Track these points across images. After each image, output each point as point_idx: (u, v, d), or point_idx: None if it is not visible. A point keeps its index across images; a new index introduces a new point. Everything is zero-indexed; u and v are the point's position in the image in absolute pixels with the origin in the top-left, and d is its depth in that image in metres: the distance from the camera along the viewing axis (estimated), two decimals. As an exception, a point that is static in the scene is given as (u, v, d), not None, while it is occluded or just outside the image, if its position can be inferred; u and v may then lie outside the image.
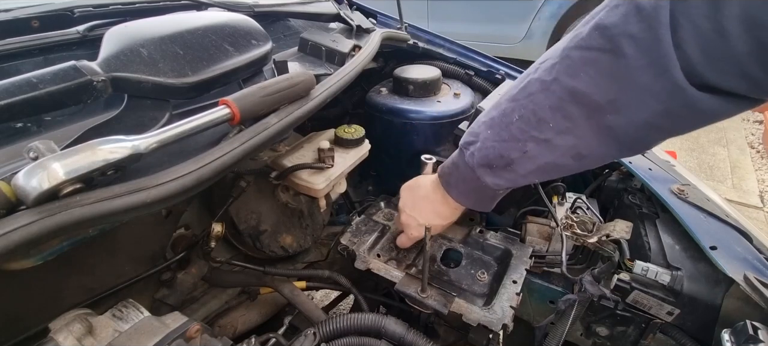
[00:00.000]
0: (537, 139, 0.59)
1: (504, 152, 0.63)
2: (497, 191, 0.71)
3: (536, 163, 0.62)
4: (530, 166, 0.62)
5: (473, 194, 0.73)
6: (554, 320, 0.81)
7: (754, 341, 0.56)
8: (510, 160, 0.63)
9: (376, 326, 0.73)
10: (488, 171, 0.67)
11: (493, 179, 0.67)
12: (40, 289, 0.61)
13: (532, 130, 0.59)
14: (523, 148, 0.61)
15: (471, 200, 0.75)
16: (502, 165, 0.65)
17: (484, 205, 0.75)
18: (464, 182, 0.72)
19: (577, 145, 0.57)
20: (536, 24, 3.88)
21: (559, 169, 0.62)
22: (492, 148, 0.65)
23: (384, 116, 1.12)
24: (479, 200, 0.74)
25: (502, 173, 0.66)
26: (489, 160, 0.66)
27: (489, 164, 0.66)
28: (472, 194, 0.73)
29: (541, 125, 0.58)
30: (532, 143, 0.60)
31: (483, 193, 0.71)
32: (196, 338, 0.56)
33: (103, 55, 0.60)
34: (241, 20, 0.80)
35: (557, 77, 0.55)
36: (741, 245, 0.73)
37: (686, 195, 0.82)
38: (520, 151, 0.62)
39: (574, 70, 0.53)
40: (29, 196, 0.41)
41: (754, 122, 3.61)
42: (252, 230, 0.96)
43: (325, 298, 1.75)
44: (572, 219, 0.82)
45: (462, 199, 0.75)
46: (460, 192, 0.75)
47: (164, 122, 0.61)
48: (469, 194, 0.74)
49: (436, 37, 1.36)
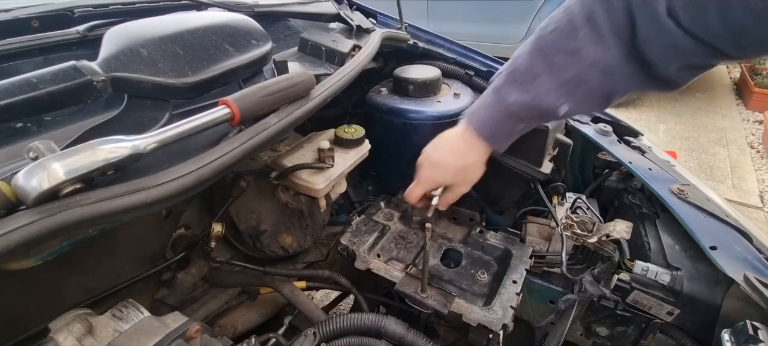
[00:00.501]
0: (566, 50, 0.60)
1: (532, 64, 0.64)
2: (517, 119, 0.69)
3: (562, 77, 0.62)
4: (555, 79, 0.62)
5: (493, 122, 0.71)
6: (554, 320, 0.81)
7: (754, 341, 0.56)
8: (536, 73, 0.64)
9: (376, 326, 0.73)
10: (512, 87, 0.66)
11: (516, 95, 0.66)
12: (40, 289, 0.61)
13: (562, 41, 0.61)
14: (550, 60, 0.62)
15: (489, 128, 0.72)
16: (528, 79, 0.65)
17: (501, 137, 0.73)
18: (485, 108, 0.71)
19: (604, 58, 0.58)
20: (536, 24, 3.86)
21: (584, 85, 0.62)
22: (520, 60, 0.66)
23: (384, 116, 1.12)
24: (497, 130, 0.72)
25: (526, 87, 0.65)
26: (515, 73, 0.66)
27: (515, 79, 0.66)
28: (492, 121, 0.71)
29: (573, 34, 0.60)
30: (561, 55, 0.61)
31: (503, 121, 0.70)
32: (196, 338, 0.56)
33: (103, 55, 0.60)
34: (241, 20, 0.80)
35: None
36: (741, 245, 0.73)
37: (686, 195, 0.82)
38: (547, 64, 0.62)
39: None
40: (29, 196, 0.41)
41: (754, 122, 3.61)
42: (252, 230, 0.96)
43: (325, 298, 1.75)
44: (572, 219, 0.82)
45: (480, 127, 0.72)
46: (478, 120, 0.73)
47: (164, 122, 0.61)
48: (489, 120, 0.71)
49: (436, 37, 1.36)
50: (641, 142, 1.01)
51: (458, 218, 1.05)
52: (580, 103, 0.65)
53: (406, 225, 1.03)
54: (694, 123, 3.59)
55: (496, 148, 0.74)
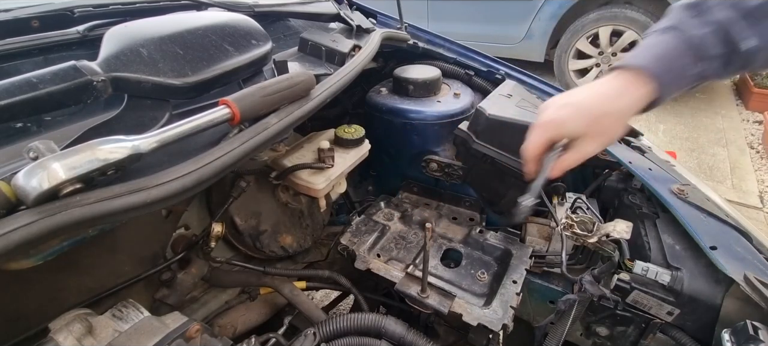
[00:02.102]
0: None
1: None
2: (695, 57, 0.56)
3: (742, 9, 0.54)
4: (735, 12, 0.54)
5: (661, 48, 0.58)
6: (554, 320, 0.81)
7: (754, 341, 0.56)
8: (710, 5, 0.55)
9: (376, 326, 0.73)
10: (693, 21, 0.56)
11: (697, 29, 0.56)
12: (40, 289, 0.61)
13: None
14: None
15: (653, 56, 0.58)
16: (706, 9, 0.56)
17: (675, 77, 0.58)
18: (654, 45, 0.58)
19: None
20: (536, 24, 3.88)
21: None
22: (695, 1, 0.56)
23: (384, 116, 1.12)
24: (664, 61, 0.57)
25: (707, 18, 0.56)
26: (693, 8, 0.57)
27: (693, 13, 0.56)
28: (659, 49, 0.58)
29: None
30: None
31: (675, 50, 0.57)
32: (196, 338, 0.56)
33: (103, 55, 0.60)
34: (241, 20, 0.80)
35: None
36: (741, 245, 0.73)
37: (686, 195, 0.82)
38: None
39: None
40: (29, 196, 0.41)
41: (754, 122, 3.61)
42: (252, 230, 0.96)
43: (325, 298, 1.75)
44: (572, 219, 0.82)
45: (643, 54, 0.58)
46: (644, 47, 0.59)
47: (164, 122, 0.61)
48: (656, 47, 0.58)
49: (436, 37, 1.36)
50: (641, 142, 1.01)
51: (458, 218, 1.05)
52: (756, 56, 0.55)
53: (406, 225, 1.03)
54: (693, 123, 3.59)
55: (666, 91, 0.58)
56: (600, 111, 0.60)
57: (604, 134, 0.61)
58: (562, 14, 3.71)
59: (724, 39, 0.55)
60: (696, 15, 0.57)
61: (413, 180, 1.18)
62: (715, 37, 0.56)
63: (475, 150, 0.98)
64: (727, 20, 0.55)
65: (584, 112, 0.60)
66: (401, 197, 1.15)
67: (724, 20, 0.55)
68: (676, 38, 0.57)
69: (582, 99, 0.61)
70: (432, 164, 1.11)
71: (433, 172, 1.12)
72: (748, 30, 0.54)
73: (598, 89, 0.60)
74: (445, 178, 1.11)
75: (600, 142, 0.62)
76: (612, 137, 0.62)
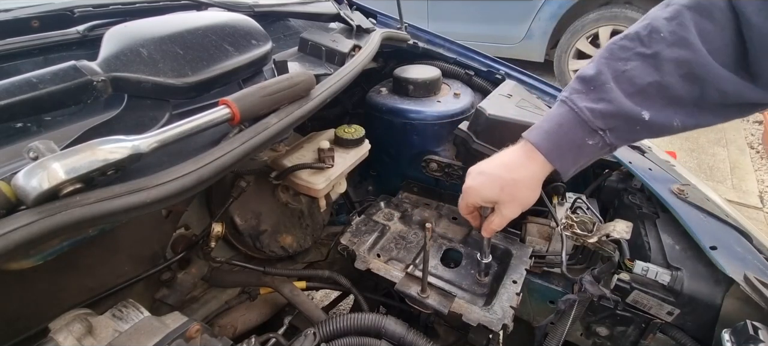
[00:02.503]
0: (643, 54, 0.55)
1: (602, 69, 0.57)
2: (588, 132, 0.58)
3: (637, 84, 0.55)
4: (630, 87, 0.56)
5: (557, 132, 0.60)
6: (554, 320, 0.81)
7: (754, 341, 0.56)
8: (606, 79, 0.57)
9: (376, 326, 0.73)
10: (583, 95, 0.58)
11: (588, 103, 0.57)
12: (40, 289, 0.61)
13: (637, 46, 0.56)
14: (624, 66, 0.56)
15: (551, 141, 0.60)
16: (599, 84, 0.57)
17: (563, 155, 0.60)
18: (550, 120, 0.61)
19: (692, 61, 0.52)
20: (536, 24, 3.88)
21: (665, 92, 0.55)
22: (590, 72, 0.59)
23: (384, 116, 1.12)
24: (561, 145, 0.60)
25: (600, 95, 0.57)
26: (586, 82, 0.59)
27: (587, 88, 0.58)
28: (555, 133, 0.60)
29: (652, 37, 0.55)
30: (636, 60, 0.55)
31: (570, 131, 0.59)
32: (196, 338, 0.56)
33: (103, 55, 0.60)
34: (241, 20, 0.80)
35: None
36: (741, 245, 0.73)
37: (686, 195, 0.82)
38: (619, 71, 0.56)
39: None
40: (29, 196, 0.41)
41: (754, 123, 3.61)
42: (252, 230, 0.96)
43: (325, 298, 1.75)
44: (572, 219, 0.82)
45: (541, 138, 0.61)
46: (541, 131, 0.62)
47: (164, 122, 0.61)
48: (553, 131, 0.60)
49: (436, 37, 1.36)
50: (641, 143, 1.01)
51: (458, 218, 1.05)
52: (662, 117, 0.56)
53: (406, 225, 1.03)
54: (693, 123, 3.58)
55: (558, 166, 0.61)
56: (505, 181, 0.65)
57: (515, 200, 0.66)
58: (562, 14, 3.71)
59: (616, 112, 0.57)
60: (589, 90, 0.58)
61: (413, 180, 1.18)
62: (608, 106, 0.57)
63: (475, 150, 0.98)
64: (618, 97, 0.56)
65: (494, 181, 0.66)
66: (401, 197, 1.15)
67: (616, 97, 0.56)
68: (569, 113, 0.59)
69: (492, 169, 0.67)
70: (432, 164, 1.11)
71: (433, 172, 1.12)
72: (643, 104, 0.56)
73: (505, 159, 0.66)
74: (445, 178, 1.11)
75: (515, 207, 0.67)
76: (525, 202, 0.67)
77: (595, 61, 0.60)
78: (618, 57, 0.57)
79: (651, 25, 0.56)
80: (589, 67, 0.60)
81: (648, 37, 0.55)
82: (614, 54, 0.58)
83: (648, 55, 0.55)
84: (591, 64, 0.61)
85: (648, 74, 0.55)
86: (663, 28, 0.54)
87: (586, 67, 0.61)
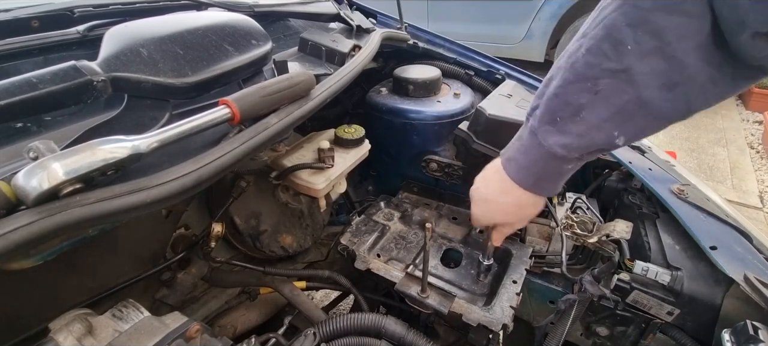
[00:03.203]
0: (612, 70, 0.48)
1: (570, 98, 0.51)
2: (565, 160, 0.56)
3: (613, 106, 0.49)
4: (605, 111, 0.50)
5: (535, 168, 0.60)
6: (554, 320, 0.81)
7: (754, 341, 0.56)
8: (578, 106, 0.51)
9: (376, 326, 0.73)
10: (552, 129, 0.54)
11: (557, 138, 0.54)
12: (40, 289, 0.61)
13: (604, 62, 0.48)
14: (594, 87, 0.49)
15: (531, 176, 0.61)
16: (568, 115, 0.52)
17: (547, 185, 0.61)
18: (526, 154, 0.60)
19: (669, 70, 0.45)
20: (536, 24, 3.88)
21: (645, 109, 0.49)
22: (555, 98, 0.53)
23: (384, 116, 1.12)
24: (542, 178, 0.60)
25: (569, 127, 0.53)
26: (553, 112, 0.54)
27: (553, 119, 0.54)
28: (533, 169, 0.60)
29: (618, 50, 0.47)
30: (606, 79, 0.48)
31: (547, 165, 0.58)
32: (196, 338, 0.56)
33: (103, 55, 0.60)
34: (241, 20, 0.80)
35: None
36: (741, 245, 0.73)
37: (686, 195, 0.82)
38: (590, 92, 0.49)
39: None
40: (29, 196, 0.41)
41: (754, 123, 3.61)
42: (252, 230, 0.96)
43: (325, 298, 1.75)
44: (572, 219, 0.82)
45: (521, 176, 0.62)
46: (519, 167, 0.61)
47: (164, 122, 0.61)
48: (530, 168, 0.60)
49: (436, 37, 1.36)
50: (641, 143, 1.01)
51: (458, 218, 1.05)
52: (646, 132, 0.53)
53: (406, 225, 1.03)
54: (693, 123, 3.59)
55: (545, 195, 0.64)
56: (508, 205, 0.68)
57: (522, 218, 0.72)
58: (562, 14, 3.71)
59: (590, 145, 0.54)
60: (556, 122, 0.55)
61: (413, 180, 1.18)
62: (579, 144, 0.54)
63: (475, 150, 0.98)
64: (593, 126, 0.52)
65: (499, 208, 0.69)
66: (401, 197, 1.15)
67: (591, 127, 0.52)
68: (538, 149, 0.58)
69: (494, 196, 0.69)
70: (432, 164, 1.11)
71: (433, 172, 1.12)
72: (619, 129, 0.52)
73: (504, 186, 0.66)
74: (445, 178, 1.11)
75: (513, 224, 0.74)
76: (532, 215, 0.71)
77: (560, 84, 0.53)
78: (585, 76, 0.50)
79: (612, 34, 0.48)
80: (556, 91, 0.54)
81: (613, 49, 0.48)
82: (580, 73, 0.51)
83: (619, 71, 0.48)
84: (555, 84, 0.54)
85: (622, 93, 0.49)
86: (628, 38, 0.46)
87: (553, 91, 0.54)
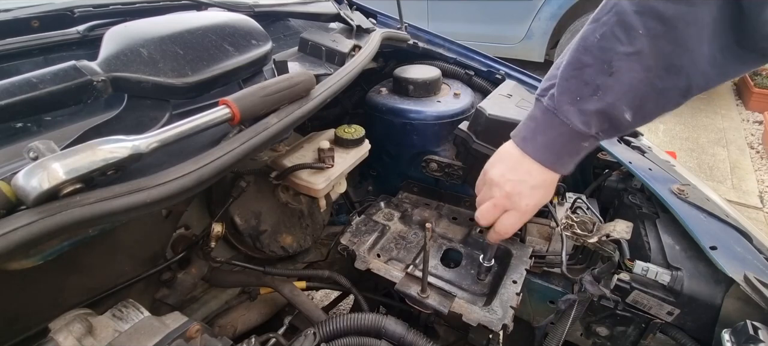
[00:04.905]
0: (626, 54, 0.52)
1: (588, 79, 0.56)
2: (583, 137, 0.60)
3: (628, 83, 0.54)
4: (620, 87, 0.54)
5: (555, 147, 0.63)
6: (554, 320, 0.81)
7: (755, 341, 0.56)
8: (596, 86, 0.55)
9: (376, 326, 0.73)
10: (573, 108, 0.58)
11: (580, 116, 0.58)
12: (40, 289, 0.61)
13: (618, 46, 0.53)
14: (609, 69, 0.54)
15: (553, 154, 0.64)
16: (588, 93, 0.56)
17: (568, 161, 0.64)
18: (544, 133, 0.63)
19: (674, 53, 0.51)
20: (536, 24, 3.88)
21: (653, 89, 0.54)
22: (574, 79, 0.58)
23: (384, 116, 1.12)
24: (561, 153, 0.63)
25: (589, 102, 0.57)
26: (572, 92, 0.58)
27: (572, 99, 0.58)
28: (553, 147, 0.63)
29: (630, 35, 0.52)
30: (620, 60, 0.53)
31: (566, 144, 0.62)
32: (196, 338, 0.56)
33: (103, 55, 0.60)
34: (241, 20, 0.80)
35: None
36: (741, 245, 0.73)
37: (686, 195, 0.82)
38: (606, 74, 0.54)
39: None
40: (29, 196, 0.41)
41: (754, 123, 3.61)
42: (252, 230, 0.96)
43: (325, 298, 1.75)
44: (572, 219, 0.82)
45: (541, 154, 0.64)
46: (538, 146, 0.64)
47: (164, 122, 0.61)
48: (549, 146, 0.63)
49: (436, 37, 1.36)
50: (641, 142, 1.01)
51: (458, 218, 1.05)
52: (652, 112, 0.57)
53: (406, 225, 1.03)
54: (693, 123, 3.59)
55: (564, 172, 0.66)
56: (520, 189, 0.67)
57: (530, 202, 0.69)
58: (562, 14, 3.71)
59: (607, 117, 0.57)
60: (572, 102, 0.58)
61: (413, 180, 1.18)
62: (598, 116, 0.57)
63: (475, 150, 0.98)
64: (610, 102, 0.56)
65: (514, 190, 0.68)
66: (401, 197, 1.15)
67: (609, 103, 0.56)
68: (558, 127, 0.60)
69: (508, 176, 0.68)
70: (432, 164, 1.11)
71: (433, 172, 1.12)
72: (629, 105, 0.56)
73: (514, 164, 0.67)
74: (445, 178, 1.12)
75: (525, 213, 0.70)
76: (540, 201, 0.70)
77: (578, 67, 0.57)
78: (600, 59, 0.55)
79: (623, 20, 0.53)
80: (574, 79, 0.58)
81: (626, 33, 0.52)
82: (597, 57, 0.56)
83: (632, 53, 0.52)
84: (572, 66, 0.58)
85: (634, 72, 0.53)
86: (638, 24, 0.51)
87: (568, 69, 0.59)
